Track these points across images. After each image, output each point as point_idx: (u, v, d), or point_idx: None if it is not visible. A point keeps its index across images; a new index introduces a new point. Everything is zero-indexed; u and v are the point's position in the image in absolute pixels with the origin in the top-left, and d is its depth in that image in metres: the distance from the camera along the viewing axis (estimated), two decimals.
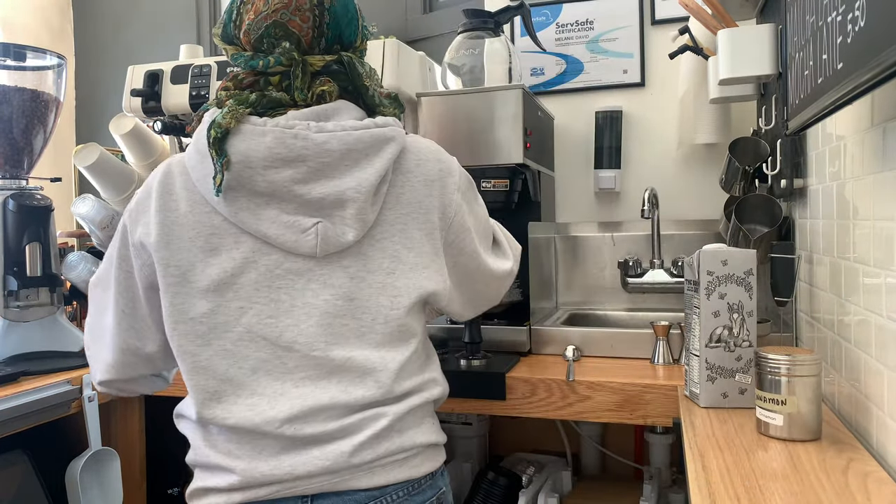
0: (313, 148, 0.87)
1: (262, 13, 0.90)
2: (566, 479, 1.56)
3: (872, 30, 0.65)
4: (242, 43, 0.94)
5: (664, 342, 1.34)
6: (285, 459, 0.88)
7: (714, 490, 0.73)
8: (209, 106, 0.95)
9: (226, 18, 0.96)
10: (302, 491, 0.89)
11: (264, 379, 0.89)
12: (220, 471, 0.90)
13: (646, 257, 1.70)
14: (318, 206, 0.88)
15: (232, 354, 0.89)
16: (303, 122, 0.88)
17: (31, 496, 1.39)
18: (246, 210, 0.88)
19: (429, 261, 0.96)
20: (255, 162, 0.86)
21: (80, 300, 1.67)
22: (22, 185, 1.53)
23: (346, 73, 0.94)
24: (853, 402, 0.93)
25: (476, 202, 1.05)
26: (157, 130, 1.50)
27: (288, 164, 0.87)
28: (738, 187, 1.45)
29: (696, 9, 1.42)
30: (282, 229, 0.88)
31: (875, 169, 0.82)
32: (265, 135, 0.86)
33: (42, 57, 1.58)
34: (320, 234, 0.88)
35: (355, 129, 0.89)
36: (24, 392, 1.26)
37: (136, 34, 2.86)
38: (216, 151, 0.86)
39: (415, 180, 0.95)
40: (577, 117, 1.91)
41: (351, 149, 0.89)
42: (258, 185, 0.87)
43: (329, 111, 0.91)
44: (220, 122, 0.86)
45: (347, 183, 0.88)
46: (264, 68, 0.90)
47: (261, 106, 0.90)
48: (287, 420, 0.87)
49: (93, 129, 2.85)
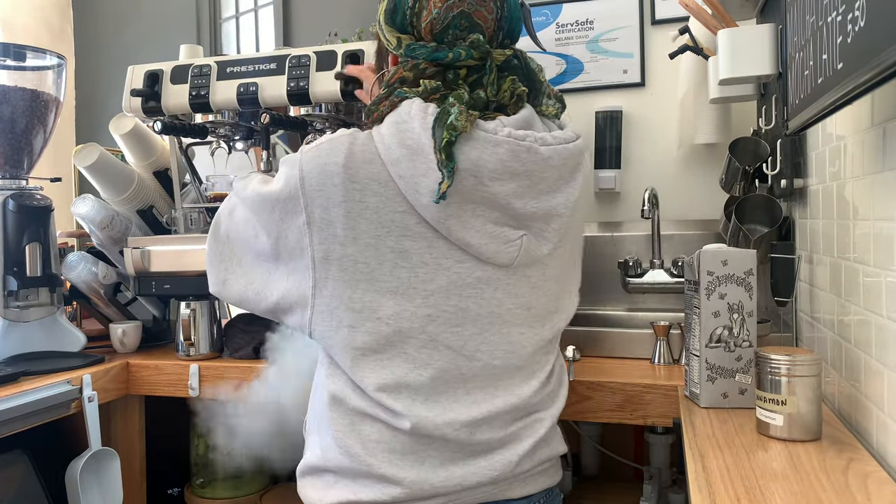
0: (540, 163, 0.84)
1: (448, 2, 0.85)
2: (566, 479, 1.55)
3: (872, 30, 0.65)
4: (422, 32, 0.88)
5: (664, 342, 1.34)
6: (455, 470, 0.85)
7: (714, 490, 0.73)
8: (407, 94, 0.85)
9: (396, 4, 0.89)
10: (463, 502, 0.87)
11: (441, 387, 0.86)
12: (383, 482, 0.84)
13: (646, 257, 1.70)
14: (526, 219, 0.85)
15: (413, 360, 0.85)
16: (529, 133, 0.84)
17: (31, 496, 1.39)
18: (455, 217, 0.83)
19: (579, 261, 0.99)
20: (483, 172, 0.81)
21: (80, 300, 1.67)
22: (22, 185, 1.53)
23: (523, 69, 0.89)
24: (853, 402, 0.93)
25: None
26: (157, 130, 1.50)
27: (514, 178, 0.83)
28: (738, 187, 1.45)
29: (696, 9, 1.42)
30: (486, 239, 0.84)
31: (875, 169, 0.82)
32: (499, 145, 0.81)
33: (42, 57, 1.58)
34: (523, 247, 0.86)
35: (567, 143, 0.87)
36: (24, 392, 1.25)
37: (136, 34, 2.86)
38: (446, 156, 0.78)
39: (583, 190, 0.95)
40: (577, 117, 1.90)
41: (565, 164, 0.87)
42: (477, 194, 0.82)
43: (529, 120, 0.87)
44: (455, 125, 0.79)
45: (558, 199, 0.87)
46: (454, 61, 0.84)
47: (474, 106, 0.84)
48: (466, 424, 0.85)
49: (93, 129, 2.85)
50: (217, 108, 1.50)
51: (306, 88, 1.43)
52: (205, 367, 1.44)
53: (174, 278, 1.53)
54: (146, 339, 1.67)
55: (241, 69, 1.48)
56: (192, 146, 1.74)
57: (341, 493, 0.86)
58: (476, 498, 0.87)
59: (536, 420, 0.92)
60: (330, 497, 0.87)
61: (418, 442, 0.85)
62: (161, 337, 1.74)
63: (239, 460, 1.46)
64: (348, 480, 0.86)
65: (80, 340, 1.55)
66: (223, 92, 1.49)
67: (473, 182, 0.81)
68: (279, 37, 2.65)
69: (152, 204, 1.72)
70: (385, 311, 0.84)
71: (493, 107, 0.86)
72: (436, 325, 0.85)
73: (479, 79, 0.86)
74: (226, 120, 1.53)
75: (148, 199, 1.71)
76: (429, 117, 0.81)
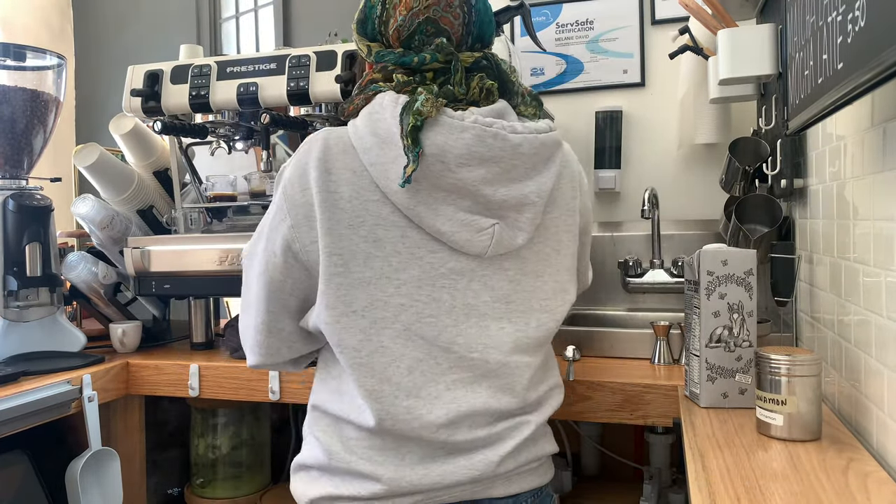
0: (509, 150, 0.84)
1: (413, 9, 0.88)
2: (566, 479, 1.56)
3: (872, 30, 0.65)
4: (390, 39, 0.91)
5: (664, 342, 1.34)
6: (434, 468, 0.86)
7: (714, 490, 0.73)
8: (381, 87, 0.88)
9: (367, 14, 0.92)
10: (443, 500, 0.88)
11: (420, 379, 0.86)
12: (362, 478, 0.86)
13: (646, 257, 1.70)
14: (498, 208, 0.86)
15: (390, 352, 0.86)
16: (497, 120, 0.85)
17: (31, 496, 1.39)
18: (424, 204, 0.84)
19: (570, 262, 0.97)
20: (450, 157, 0.82)
21: (80, 300, 1.67)
22: (22, 185, 1.53)
23: (493, 70, 0.91)
24: (853, 402, 0.93)
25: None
26: (157, 130, 1.50)
27: (482, 164, 0.83)
28: (738, 187, 1.45)
29: (696, 9, 1.42)
30: (457, 227, 0.85)
31: (875, 169, 0.82)
32: (465, 130, 0.82)
33: (42, 57, 1.58)
34: (495, 236, 0.86)
35: (539, 133, 0.88)
36: (24, 392, 1.25)
37: (136, 34, 2.86)
38: (412, 140, 0.80)
39: (563, 181, 0.95)
40: (577, 117, 1.91)
41: (537, 152, 0.87)
42: (445, 180, 0.83)
43: (502, 111, 0.88)
44: (420, 110, 0.81)
45: (530, 187, 0.87)
46: (419, 65, 0.87)
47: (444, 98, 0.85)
48: (443, 425, 0.86)
49: (93, 129, 2.85)
50: (217, 108, 1.50)
51: (306, 88, 1.43)
52: (205, 368, 1.44)
53: (174, 278, 1.53)
54: (146, 339, 1.67)
55: (241, 69, 1.48)
56: (192, 146, 1.74)
57: (324, 487, 0.89)
58: (456, 496, 0.88)
59: (522, 422, 0.91)
60: (313, 491, 0.90)
61: (396, 440, 0.87)
62: (161, 337, 1.74)
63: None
64: (330, 476, 0.89)
65: (80, 340, 1.55)
66: (223, 92, 1.49)
67: (441, 168, 0.82)
68: (279, 37, 2.65)
69: (152, 204, 1.72)
70: (359, 304, 0.86)
71: (465, 102, 0.88)
72: (408, 314, 0.86)
73: (446, 80, 0.88)
74: (226, 120, 1.53)
75: (148, 199, 1.71)
76: (398, 107, 0.84)
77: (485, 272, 0.89)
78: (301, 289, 0.90)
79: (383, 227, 0.85)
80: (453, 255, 0.87)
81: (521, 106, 0.93)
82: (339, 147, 0.87)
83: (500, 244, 0.87)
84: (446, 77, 0.88)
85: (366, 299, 0.85)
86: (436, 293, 0.87)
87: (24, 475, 1.40)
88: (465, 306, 0.88)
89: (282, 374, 1.38)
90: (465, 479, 0.87)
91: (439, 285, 0.87)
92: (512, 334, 0.90)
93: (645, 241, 1.77)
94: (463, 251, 0.87)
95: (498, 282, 0.90)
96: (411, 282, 0.86)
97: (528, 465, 0.93)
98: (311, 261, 0.87)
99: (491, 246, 0.87)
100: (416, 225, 0.86)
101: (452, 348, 0.87)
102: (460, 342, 0.87)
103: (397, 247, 0.86)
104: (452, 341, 0.87)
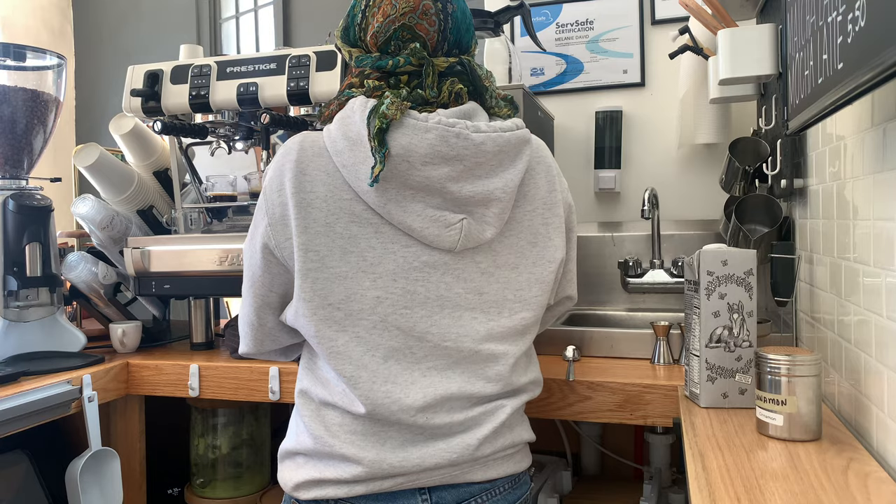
0: (471, 148, 0.88)
1: (389, 16, 0.93)
2: (566, 479, 1.56)
3: (872, 30, 0.65)
4: (368, 45, 0.96)
5: (664, 342, 1.34)
6: (413, 451, 0.90)
7: (714, 490, 0.73)
8: (353, 93, 0.94)
9: (349, 21, 0.98)
10: (423, 483, 0.91)
11: (395, 367, 0.91)
12: (344, 462, 0.90)
13: (646, 257, 1.70)
14: (464, 203, 0.90)
15: (366, 342, 0.90)
16: (461, 121, 0.89)
17: (31, 496, 1.39)
18: (394, 202, 0.88)
19: (554, 254, 0.99)
20: (414, 157, 0.87)
21: (80, 300, 1.67)
22: (22, 185, 1.53)
23: (467, 75, 0.95)
24: (853, 402, 0.93)
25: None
26: (157, 130, 1.50)
27: (446, 162, 0.88)
28: (738, 187, 1.45)
29: (696, 9, 1.42)
30: (427, 223, 0.89)
31: (875, 169, 0.82)
32: (428, 131, 0.87)
33: (42, 57, 1.58)
34: (464, 231, 0.91)
35: (504, 131, 0.92)
36: (24, 392, 1.26)
37: (136, 34, 2.87)
38: (378, 142, 0.85)
39: (538, 177, 0.99)
40: (577, 117, 1.91)
41: (501, 150, 0.91)
42: (412, 179, 0.87)
43: (469, 112, 0.93)
44: (385, 113, 0.86)
45: (495, 183, 0.91)
46: (393, 68, 0.92)
47: (412, 101, 0.90)
48: (421, 409, 0.89)
49: (93, 129, 2.85)
50: (217, 108, 1.50)
51: (306, 88, 1.43)
52: (205, 368, 1.45)
53: (174, 278, 1.53)
54: (146, 339, 1.67)
55: (241, 69, 1.49)
56: (192, 146, 1.74)
57: (309, 472, 0.93)
58: (436, 479, 0.91)
59: (498, 407, 0.95)
60: (298, 476, 0.94)
61: (377, 424, 0.90)
62: (161, 337, 1.74)
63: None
64: (315, 461, 0.93)
65: (80, 340, 1.55)
66: (223, 92, 1.49)
67: (406, 167, 0.87)
68: (279, 37, 2.66)
69: (152, 204, 1.72)
70: (336, 297, 0.90)
71: (435, 105, 0.92)
72: (384, 306, 0.90)
73: (419, 83, 0.93)
74: (226, 120, 1.53)
75: (148, 199, 1.71)
76: (367, 110, 0.88)
77: (457, 265, 0.93)
78: (279, 283, 0.95)
79: (357, 223, 0.90)
80: (426, 250, 0.91)
81: (496, 108, 0.97)
82: (313, 150, 0.92)
83: (469, 238, 0.91)
84: (419, 81, 0.93)
85: (342, 292, 0.90)
86: (410, 286, 0.91)
87: (24, 475, 1.40)
88: (439, 298, 0.92)
89: (281, 374, 1.38)
90: (444, 462, 0.91)
91: (413, 278, 0.91)
92: (485, 323, 0.94)
93: (645, 241, 1.77)
94: (433, 246, 0.91)
95: (470, 274, 0.94)
96: (387, 275, 0.90)
97: (505, 452, 0.96)
98: (285, 257, 0.92)
99: (460, 240, 0.91)
100: (388, 222, 0.90)
101: (426, 337, 0.91)
102: (434, 332, 0.91)
103: (372, 242, 0.90)
104: (427, 331, 0.91)
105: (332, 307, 0.90)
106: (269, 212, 0.92)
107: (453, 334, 0.92)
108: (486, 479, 0.95)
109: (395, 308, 0.90)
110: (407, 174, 0.87)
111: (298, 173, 0.90)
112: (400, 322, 0.90)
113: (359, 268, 0.90)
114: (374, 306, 0.90)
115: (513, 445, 0.97)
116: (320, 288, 0.89)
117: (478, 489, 0.94)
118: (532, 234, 0.98)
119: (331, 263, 0.89)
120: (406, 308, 0.91)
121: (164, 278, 1.54)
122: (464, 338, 0.92)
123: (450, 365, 0.92)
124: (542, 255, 0.99)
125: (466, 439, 0.92)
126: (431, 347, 0.91)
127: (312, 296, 0.90)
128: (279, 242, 0.91)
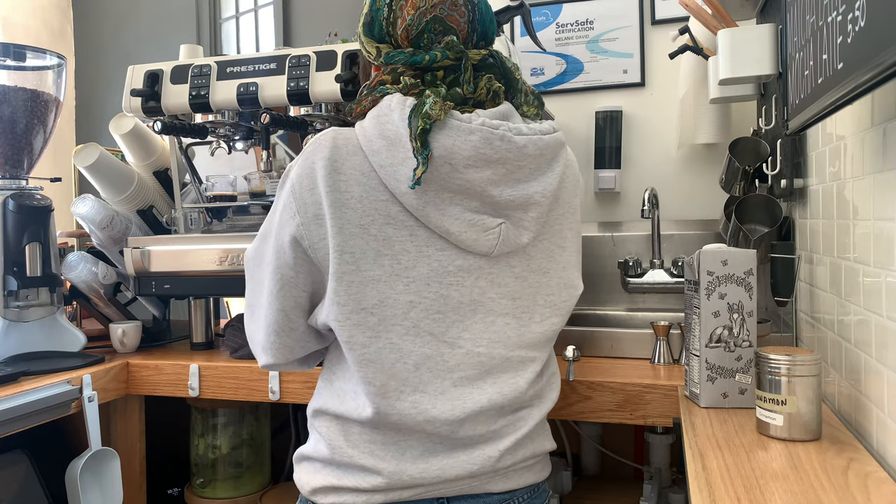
0: (514, 151, 0.86)
1: (420, 9, 0.90)
2: (566, 479, 1.56)
3: (872, 30, 0.65)
4: (399, 39, 0.92)
5: (664, 342, 1.34)
6: (434, 462, 0.88)
7: (714, 490, 0.73)
8: (388, 90, 0.90)
9: (373, 16, 0.94)
10: (442, 493, 0.90)
11: (426, 375, 0.88)
12: (364, 472, 0.88)
13: (646, 257, 1.70)
14: (503, 207, 0.88)
15: (398, 349, 0.87)
16: (503, 122, 0.87)
17: (31, 496, 1.39)
18: (432, 204, 0.86)
19: (576, 259, 0.99)
20: (457, 159, 0.84)
21: (80, 300, 1.67)
22: (22, 185, 1.53)
23: (499, 67, 0.93)
24: (853, 402, 0.93)
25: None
26: (157, 130, 1.50)
27: (489, 165, 0.85)
28: (738, 187, 1.45)
29: (696, 9, 1.42)
30: (465, 227, 0.87)
31: (875, 169, 0.82)
32: (472, 133, 0.84)
33: (42, 57, 1.58)
34: (502, 235, 0.88)
35: (544, 134, 0.90)
36: (24, 392, 1.26)
37: (136, 34, 2.87)
38: (421, 143, 0.82)
39: (567, 181, 0.97)
40: (577, 117, 1.91)
41: (542, 153, 0.89)
42: (453, 181, 0.85)
43: (506, 113, 0.90)
44: (429, 113, 0.82)
45: (535, 187, 0.89)
46: (430, 64, 0.89)
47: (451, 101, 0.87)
48: (447, 422, 0.87)
49: (93, 129, 2.85)
50: (217, 108, 1.50)
51: (306, 88, 1.43)
52: (205, 368, 1.45)
53: (174, 278, 1.53)
54: (146, 339, 1.67)
55: (241, 69, 1.48)
56: (192, 146, 1.74)
57: (326, 478, 0.91)
58: (455, 490, 0.90)
59: (521, 418, 0.94)
60: (316, 481, 0.92)
61: (398, 435, 0.89)
62: (161, 337, 1.74)
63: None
64: (333, 468, 0.91)
65: (80, 340, 1.55)
66: (223, 92, 1.49)
67: (448, 169, 0.84)
68: (279, 37, 2.65)
69: (152, 204, 1.72)
70: (369, 301, 0.87)
71: (471, 103, 0.90)
72: (417, 311, 0.88)
73: (455, 78, 0.90)
74: (226, 120, 1.53)
75: (148, 199, 1.71)
76: (406, 109, 0.85)
77: (492, 269, 0.91)
78: (310, 283, 0.91)
79: (392, 225, 0.87)
80: (461, 254, 0.89)
81: (525, 106, 0.94)
82: (347, 148, 0.88)
83: (507, 243, 0.89)
84: (456, 76, 0.90)
85: (376, 297, 0.87)
86: (443, 290, 0.88)
87: (24, 475, 1.40)
88: (472, 302, 0.90)
89: (282, 374, 1.38)
90: (464, 474, 0.89)
91: (447, 282, 0.88)
92: (517, 329, 0.92)
93: (645, 241, 1.77)
94: (470, 250, 0.89)
95: (505, 278, 0.92)
96: (420, 279, 0.88)
97: (525, 462, 0.95)
98: (318, 258, 0.88)
99: (497, 245, 0.89)
100: (425, 224, 0.87)
101: (458, 343, 0.89)
102: (466, 337, 0.89)
103: (406, 245, 0.87)
104: (459, 336, 0.89)
105: (365, 312, 0.87)
106: (300, 210, 0.87)
107: (485, 340, 0.90)
108: (505, 490, 0.93)
109: (428, 313, 0.88)
110: (448, 177, 0.84)
111: (332, 171, 0.86)
112: (432, 327, 0.88)
113: (392, 271, 0.87)
114: (406, 311, 0.87)
115: (534, 456, 0.96)
116: (355, 292, 0.86)
117: (497, 500, 0.92)
118: (561, 238, 0.97)
119: (365, 266, 0.86)
120: (439, 313, 0.88)
121: (164, 278, 1.54)
122: (496, 343, 0.91)
123: (481, 375, 0.90)
124: (568, 260, 0.98)
125: (488, 451, 0.90)
126: (463, 354, 0.89)
127: (347, 300, 0.86)
128: (313, 242, 0.87)
